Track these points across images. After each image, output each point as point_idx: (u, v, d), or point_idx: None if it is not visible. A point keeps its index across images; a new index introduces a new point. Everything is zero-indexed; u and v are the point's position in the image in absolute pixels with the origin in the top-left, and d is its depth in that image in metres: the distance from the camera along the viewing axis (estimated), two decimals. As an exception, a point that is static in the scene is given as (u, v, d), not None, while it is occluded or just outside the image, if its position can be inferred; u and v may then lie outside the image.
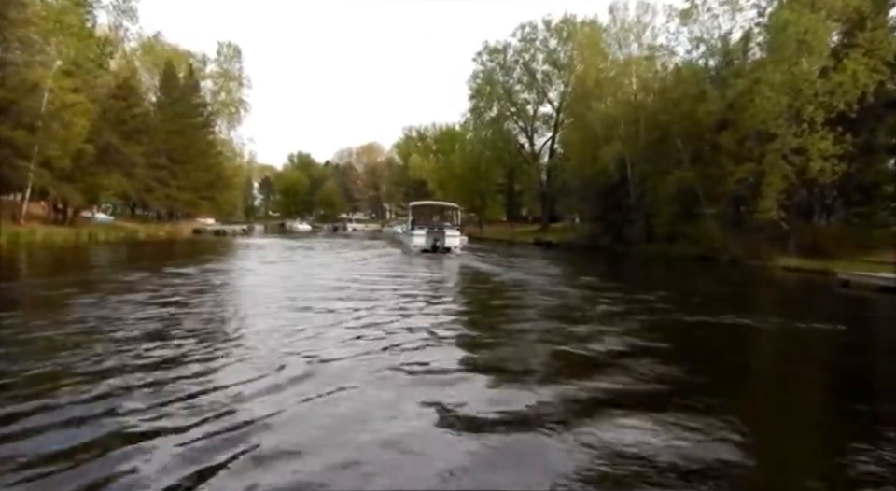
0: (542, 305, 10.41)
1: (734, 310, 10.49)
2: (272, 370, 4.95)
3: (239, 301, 9.91)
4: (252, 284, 12.57)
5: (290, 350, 5.71)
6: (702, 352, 7.27)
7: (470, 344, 6.75)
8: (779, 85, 23.00)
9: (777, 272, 22.95)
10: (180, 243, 29.16)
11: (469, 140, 68.53)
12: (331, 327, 7.16)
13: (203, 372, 4.82)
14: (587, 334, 7.42)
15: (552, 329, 7.83)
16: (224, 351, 5.68)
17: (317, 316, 7.88)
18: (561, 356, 6.29)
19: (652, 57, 34.53)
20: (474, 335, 7.49)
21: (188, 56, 50.21)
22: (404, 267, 18.01)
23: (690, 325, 8.99)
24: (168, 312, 8.00)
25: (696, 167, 30.45)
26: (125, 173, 28.77)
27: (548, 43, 54.82)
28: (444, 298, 10.88)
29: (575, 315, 9.34)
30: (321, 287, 11.64)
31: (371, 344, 6.22)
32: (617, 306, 10.25)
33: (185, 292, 9.98)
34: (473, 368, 5.52)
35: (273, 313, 8.18)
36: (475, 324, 8.52)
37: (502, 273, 16.87)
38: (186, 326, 7.00)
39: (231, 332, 6.69)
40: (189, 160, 40.92)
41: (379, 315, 8.27)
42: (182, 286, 10.88)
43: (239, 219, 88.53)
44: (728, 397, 5.11)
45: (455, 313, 9.28)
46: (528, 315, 9.18)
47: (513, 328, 8.03)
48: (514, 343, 7.01)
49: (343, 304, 9.15)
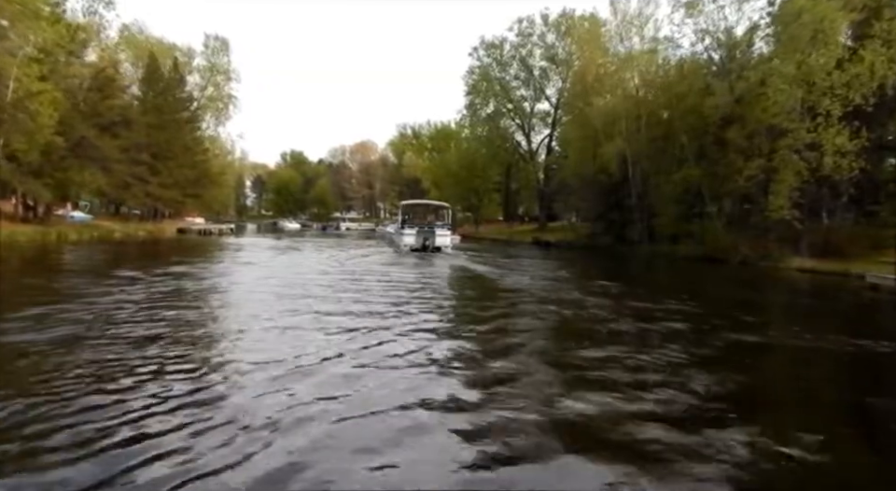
0: (557, 319, 8.87)
1: (783, 325, 9.00)
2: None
3: (169, 321, 7.29)
4: (207, 291, 10.60)
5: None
6: (824, 403, 5.27)
7: (458, 406, 4.42)
8: (793, 77, 21.72)
9: (790, 273, 21.70)
10: (157, 243, 27.50)
11: (464, 137, 67.26)
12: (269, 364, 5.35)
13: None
14: (638, 370, 5.57)
15: (583, 363, 5.83)
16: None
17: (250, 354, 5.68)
18: (620, 420, 4.20)
19: (655, 50, 33.19)
20: (466, 379, 5.13)
21: (173, 49, 48.48)
22: (388, 270, 16.44)
23: (754, 349, 7.29)
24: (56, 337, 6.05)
25: (702, 164, 29.18)
26: (100, 168, 27.17)
27: (545, 38, 53.53)
28: (427, 313, 8.69)
29: (601, 333, 7.71)
30: (281, 298, 9.84)
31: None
32: (648, 321, 8.64)
33: (108, 305, 8.14)
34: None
35: (209, 337, 6.69)
36: (466, 358, 5.92)
37: (502, 277, 15.37)
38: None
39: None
40: (173, 156, 39.21)
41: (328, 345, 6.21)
42: (117, 296, 9.13)
43: (230, 218, 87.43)
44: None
45: (441, 335, 7.06)
46: (545, 339, 7.32)
47: (525, 363, 5.75)
48: (531, 401, 4.54)
49: (296, 322, 7.65)
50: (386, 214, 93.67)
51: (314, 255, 22.59)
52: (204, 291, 10.38)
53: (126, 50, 47.24)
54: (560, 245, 40.49)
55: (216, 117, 54.47)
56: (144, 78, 39.58)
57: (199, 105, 51.27)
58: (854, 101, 20.83)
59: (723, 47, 28.81)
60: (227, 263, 17.51)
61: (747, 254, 25.04)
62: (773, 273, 21.72)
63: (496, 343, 6.75)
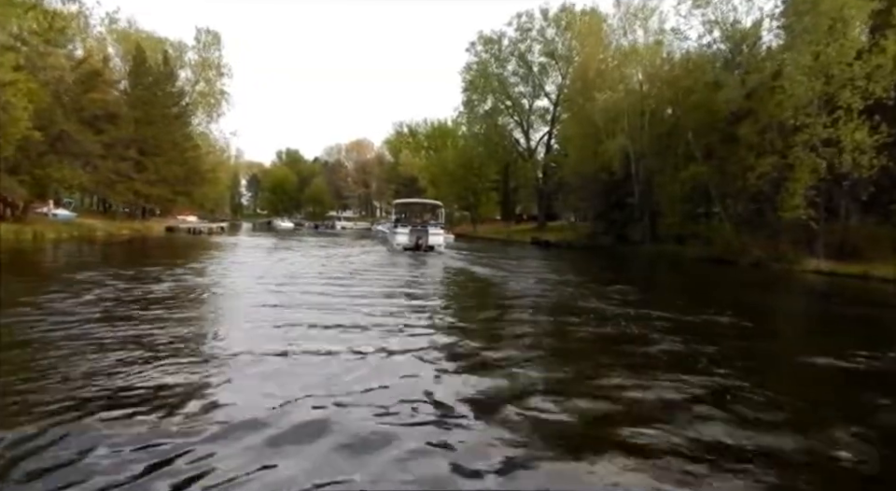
0: (583, 337, 7.39)
1: (855, 343, 7.50)
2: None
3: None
4: (159, 300, 8.83)
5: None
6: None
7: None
8: (810, 68, 20.66)
9: (806, 276, 20.66)
10: (140, 242, 26.12)
11: (461, 135, 66.20)
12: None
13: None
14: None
15: (639, 402, 4.51)
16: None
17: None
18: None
19: (661, 42, 32.11)
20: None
21: (162, 43, 47.07)
22: (376, 273, 15.12)
23: (850, 379, 5.83)
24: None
25: (710, 162, 28.13)
26: (83, 164, 25.87)
27: (545, 33, 52.43)
28: (417, 324, 7.38)
29: (643, 355, 6.25)
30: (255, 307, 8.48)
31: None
32: (690, 338, 7.12)
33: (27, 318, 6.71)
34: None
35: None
36: (480, 406, 4.29)
37: (505, 281, 14.11)
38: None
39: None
40: (162, 152, 37.82)
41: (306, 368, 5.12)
42: (52, 305, 7.83)
43: (225, 217, 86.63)
44: None
45: (436, 364, 5.48)
46: (575, 364, 5.85)
47: (566, 409, 4.29)
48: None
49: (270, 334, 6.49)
50: (383, 213, 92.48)
51: (297, 255, 21.33)
52: (158, 299, 9.16)
53: (116, 45, 45.99)
54: (560, 245, 39.45)
55: (207, 113, 53.08)
56: (131, 72, 38.17)
57: (190, 101, 49.89)
58: (875, 93, 19.78)
59: (733, 39, 27.76)
60: (204, 265, 16.24)
61: (759, 255, 24.00)
62: (789, 276, 20.67)
63: (518, 380, 5.05)
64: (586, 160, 38.32)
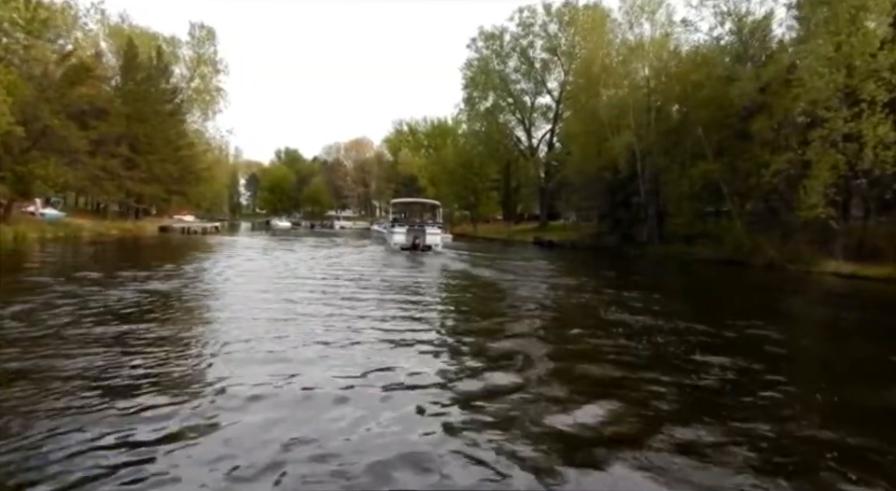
0: (621, 361, 5.92)
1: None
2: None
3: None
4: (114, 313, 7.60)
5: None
6: None
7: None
8: (831, 59, 19.62)
9: (826, 279, 19.61)
10: (128, 243, 24.99)
11: (461, 134, 65.22)
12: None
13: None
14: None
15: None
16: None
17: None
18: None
19: (670, 34, 31.04)
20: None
21: (156, 38, 45.97)
22: (365, 277, 14.00)
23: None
24: None
25: (722, 159, 27.08)
26: (68, 161, 24.81)
27: (547, 28, 51.31)
28: (417, 356, 5.79)
29: (705, 394, 4.92)
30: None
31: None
32: (764, 370, 5.73)
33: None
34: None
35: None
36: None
37: (514, 287, 12.99)
38: None
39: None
40: (154, 149, 36.72)
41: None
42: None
43: (224, 216, 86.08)
44: None
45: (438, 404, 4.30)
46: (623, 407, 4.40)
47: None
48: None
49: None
50: (382, 212, 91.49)
51: (291, 256, 20.27)
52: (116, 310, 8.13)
53: (108, 40, 44.91)
54: (563, 245, 38.44)
55: (202, 110, 51.98)
56: (122, 67, 37.05)
57: (184, 98, 48.81)
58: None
59: (744, 31, 26.72)
60: (184, 268, 15.16)
61: (773, 256, 22.98)
62: (809, 279, 19.63)
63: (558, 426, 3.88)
64: (590, 157, 37.35)
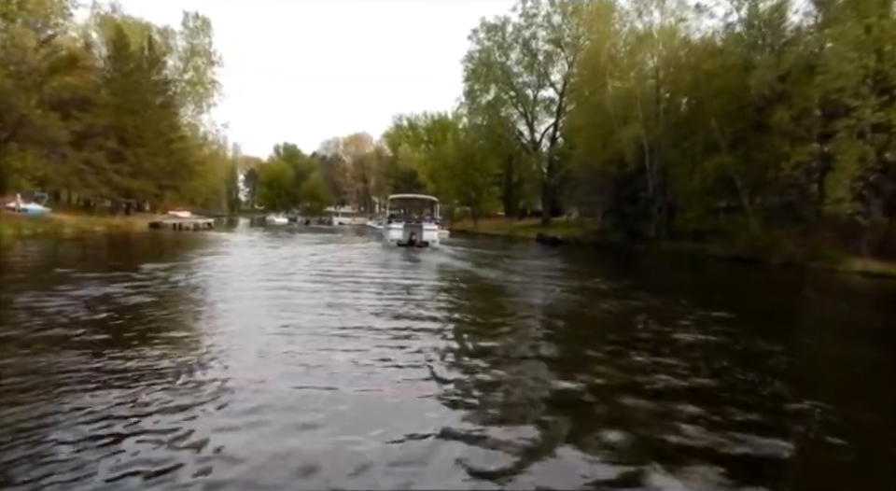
0: (683, 391, 4.61)
1: None
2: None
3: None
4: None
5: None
6: None
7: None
8: (860, 43, 18.28)
9: (853, 278, 18.31)
10: (111, 241, 23.55)
11: (462, 128, 63.88)
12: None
13: None
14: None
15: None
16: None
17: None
18: None
19: (684, 20, 29.69)
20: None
21: (147, 29, 44.49)
22: (355, 278, 12.79)
23: None
24: None
25: (736, 151, 25.75)
26: (47, 153, 23.51)
27: (551, 19, 49.81)
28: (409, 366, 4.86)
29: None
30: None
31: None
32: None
33: None
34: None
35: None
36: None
37: (524, 290, 11.67)
38: None
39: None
40: (144, 143, 35.38)
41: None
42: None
43: (222, 212, 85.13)
44: None
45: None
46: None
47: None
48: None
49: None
50: (381, 208, 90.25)
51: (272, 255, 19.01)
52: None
53: (99, 31, 43.49)
54: (567, 242, 37.13)
55: (196, 103, 50.51)
56: (110, 57, 35.63)
57: (177, 90, 47.40)
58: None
59: (762, 16, 25.33)
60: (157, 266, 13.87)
61: (793, 253, 21.67)
62: (835, 279, 18.31)
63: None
64: (595, 151, 36.02)
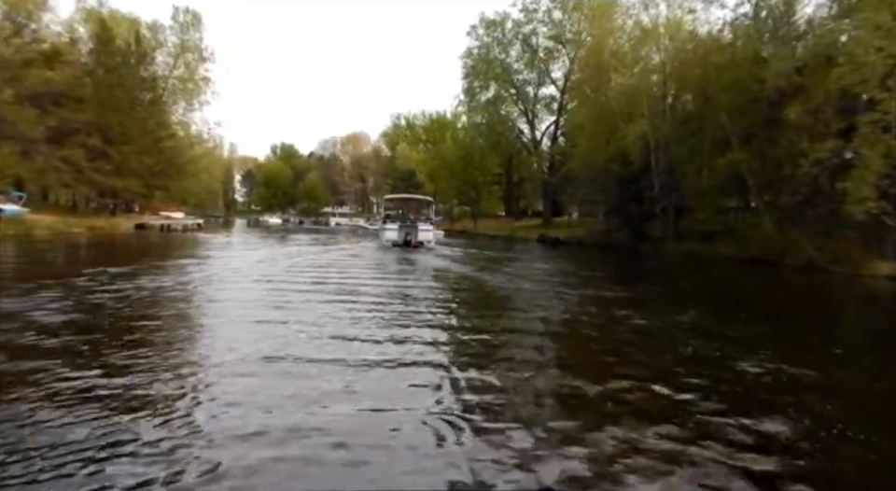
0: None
1: None
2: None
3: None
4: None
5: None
6: None
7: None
8: (889, 31, 16.94)
9: (880, 283, 16.98)
10: (84, 243, 21.99)
11: (461, 127, 62.65)
12: None
13: None
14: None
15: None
16: None
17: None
18: None
19: (695, 11, 28.37)
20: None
21: (136, 23, 43.11)
22: (343, 283, 11.48)
23: None
24: None
25: (749, 148, 24.41)
26: (19, 151, 22.16)
27: (552, 14, 48.53)
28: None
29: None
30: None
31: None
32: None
33: None
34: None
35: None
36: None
37: (532, 300, 10.36)
38: None
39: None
40: (129, 140, 34.02)
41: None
42: None
43: (219, 213, 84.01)
44: None
45: None
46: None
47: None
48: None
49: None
50: (379, 209, 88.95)
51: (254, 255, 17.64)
52: None
53: (85, 25, 42.12)
54: (570, 243, 35.81)
55: (187, 101, 49.09)
56: (93, 50, 34.23)
57: (167, 87, 46.01)
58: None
59: (778, 7, 24.02)
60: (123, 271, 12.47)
61: (811, 256, 20.34)
62: (860, 283, 16.99)
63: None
64: (598, 150, 34.71)
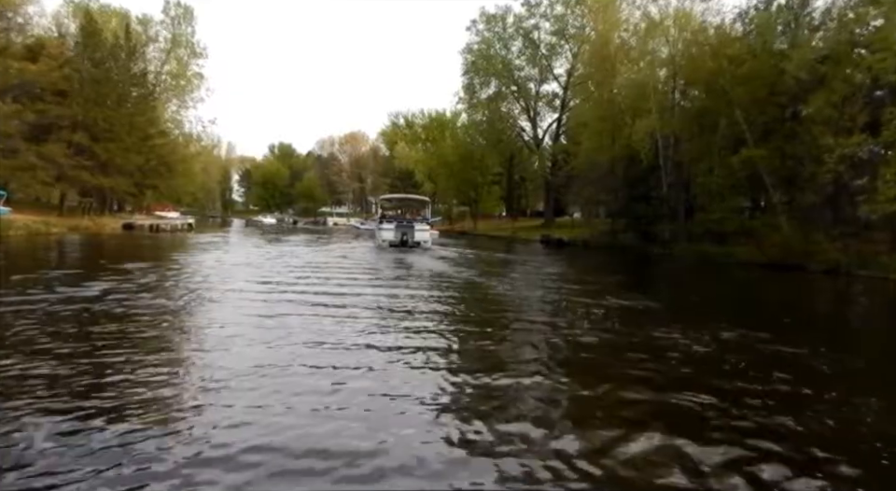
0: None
1: None
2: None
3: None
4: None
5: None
6: None
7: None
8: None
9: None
10: (57, 245, 20.57)
11: (461, 125, 61.17)
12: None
13: None
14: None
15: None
16: None
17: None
18: None
19: (706, 1, 27.06)
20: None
21: (125, 16, 41.71)
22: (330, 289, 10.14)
23: None
24: None
25: (766, 144, 23.08)
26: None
27: (554, 9, 47.17)
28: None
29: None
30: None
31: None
32: None
33: None
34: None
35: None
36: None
37: (551, 313, 9.03)
38: None
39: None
40: (116, 138, 32.68)
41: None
42: None
43: (216, 212, 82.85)
44: None
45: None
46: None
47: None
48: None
49: None
50: (377, 209, 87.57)
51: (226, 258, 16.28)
52: None
53: (73, 20, 40.77)
54: (575, 244, 34.47)
55: (180, 98, 47.64)
56: (78, 44, 32.85)
57: (158, 83, 44.62)
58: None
59: None
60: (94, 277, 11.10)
61: (837, 259, 19.02)
62: (892, 289, 15.68)
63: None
64: (603, 148, 33.37)
